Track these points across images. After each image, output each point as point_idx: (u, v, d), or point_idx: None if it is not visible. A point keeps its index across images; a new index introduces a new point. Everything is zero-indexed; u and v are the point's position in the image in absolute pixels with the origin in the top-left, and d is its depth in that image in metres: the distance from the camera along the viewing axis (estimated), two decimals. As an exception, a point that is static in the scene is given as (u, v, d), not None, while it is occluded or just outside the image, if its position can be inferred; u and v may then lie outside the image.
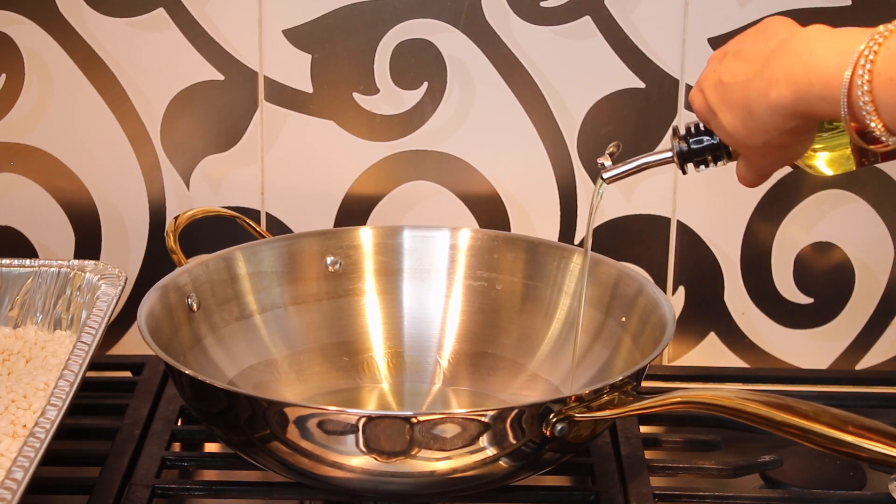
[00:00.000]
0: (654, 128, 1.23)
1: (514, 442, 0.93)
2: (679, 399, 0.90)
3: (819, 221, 1.26)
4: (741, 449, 1.10)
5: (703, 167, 0.95)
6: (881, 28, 0.77)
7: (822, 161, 0.92)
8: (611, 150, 1.01)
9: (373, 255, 1.20)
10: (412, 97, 1.23)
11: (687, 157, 0.95)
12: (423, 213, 1.26)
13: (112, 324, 1.20)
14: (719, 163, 0.95)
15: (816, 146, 0.90)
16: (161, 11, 1.21)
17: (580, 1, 1.20)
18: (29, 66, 1.22)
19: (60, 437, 0.89)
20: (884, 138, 0.78)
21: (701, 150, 0.94)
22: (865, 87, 0.75)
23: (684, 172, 0.96)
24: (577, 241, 1.26)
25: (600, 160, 1.00)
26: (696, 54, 1.21)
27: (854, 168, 0.91)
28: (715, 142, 0.93)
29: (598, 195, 1.03)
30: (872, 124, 0.77)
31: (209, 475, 1.09)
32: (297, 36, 1.22)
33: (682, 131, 0.95)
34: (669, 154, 0.96)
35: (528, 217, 1.26)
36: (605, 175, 1.00)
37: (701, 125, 0.94)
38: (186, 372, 0.96)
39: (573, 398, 0.93)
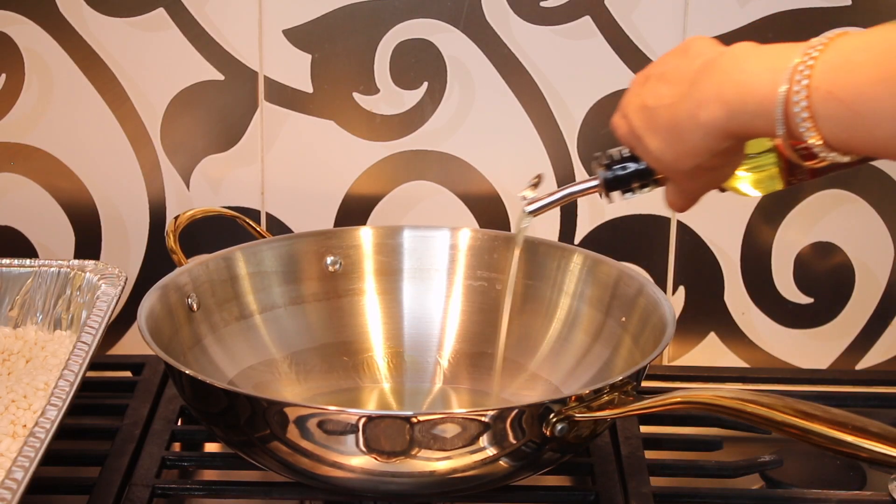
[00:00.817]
0: (654, 128, 1.23)
1: (514, 442, 0.93)
2: (679, 399, 0.90)
3: (819, 221, 1.26)
4: (741, 449, 1.10)
5: (629, 195, 0.93)
6: (814, 41, 0.75)
7: (748, 182, 0.91)
8: (533, 181, 1.00)
9: (373, 255, 1.20)
10: (412, 97, 1.23)
11: (613, 185, 0.93)
12: (423, 213, 1.26)
13: (112, 324, 1.20)
14: (646, 189, 0.92)
15: (742, 167, 0.89)
16: (161, 11, 1.21)
17: (580, 1, 1.20)
18: (29, 66, 1.22)
19: (60, 437, 0.89)
20: (822, 154, 0.76)
21: (627, 178, 0.92)
22: (803, 103, 0.73)
23: (610, 201, 0.94)
24: (576, 242, 1.27)
25: (522, 193, 0.98)
26: (696, 54, 1.21)
27: (781, 187, 0.90)
28: (641, 167, 0.91)
29: (521, 229, 1.01)
30: (811, 140, 0.75)
31: (209, 475, 1.09)
32: (297, 36, 1.22)
33: (606, 159, 0.93)
34: (595, 182, 0.94)
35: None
36: (529, 208, 0.98)
37: (625, 151, 0.91)
38: (186, 372, 0.96)
39: (573, 398, 0.93)
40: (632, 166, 0.91)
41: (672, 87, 0.82)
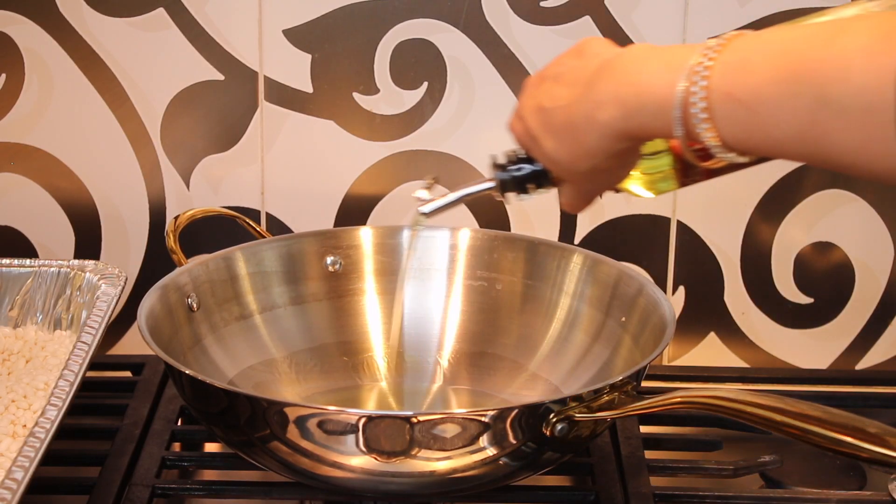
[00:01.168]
0: (654, 128, 1.23)
1: (514, 442, 0.93)
2: (679, 399, 0.90)
3: (819, 221, 1.26)
4: (741, 449, 1.10)
5: (525, 196, 0.92)
6: (712, 42, 0.74)
7: (643, 184, 0.91)
8: (428, 182, 0.99)
9: (373, 255, 1.20)
10: (412, 97, 1.23)
11: (509, 187, 0.92)
12: (424, 213, 1.26)
13: (112, 324, 1.20)
14: (541, 190, 0.92)
15: (637, 169, 0.89)
16: (161, 11, 1.21)
17: (580, 1, 1.20)
18: (29, 66, 1.22)
19: (60, 437, 0.89)
20: (719, 154, 0.76)
21: (523, 179, 0.91)
22: (702, 104, 0.73)
23: (506, 202, 0.93)
24: (576, 242, 1.27)
25: (416, 194, 0.98)
26: (696, 54, 1.21)
27: (675, 188, 0.90)
28: (537, 169, 0.90)
29: (415, 231, 1.01)
30: (709, 141, 0.74)
31: (209, 475, 1.09)
32: (297, 36, 1.22)
33: (502, 160, 0.92)
34: (491, 184, 0.93)
35: (528, 217, 1.26)
36: (423, 209, 0.97)
37: (522, 152, 0.91)
38: (186, 372, 0.96)
39: (573, 398, 0.93)
40: (527, 168, 0.91)
41: (568, 88, 0.82)
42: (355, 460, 0.93)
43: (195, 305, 1.11)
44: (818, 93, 0.68)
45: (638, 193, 0.91)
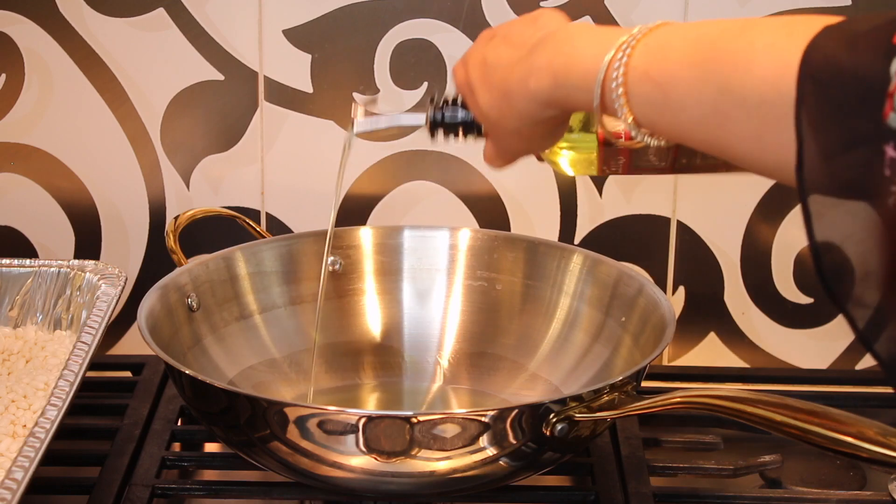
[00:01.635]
0: (654, 128, 1.23)
1: (514, 442, 0.93)
2: (679, 399, 0.90)
3: (819, 221, 1.26)
4: (741, 449, 1.10)
5: (452, 138, 0.95)
6: (642, 26, 0.78)
7: (567, 160, 0.94)
8: (370, 97, 1.00)
9: (373, 255, 1.20)
10: (412, 97, 1.23)
11: (439, 126, 0.95)
12: (423, 213, 1.26)
13: (112, 324, 1.20)
14: (469, 137, 0.94)
15: (563, 144, 0.92)
16: (161, 11, 1.21)
17: (580, 1, 1.20)
18: (29, 66, 1.22)
19: (60, 437, 0.89)
20: (633, 132, 0.79)
21: (454, 124, 0.94)
22: (620, 79, 0.76)
23: (433, 138, 0.95)
24: (576, 242, 1.27)
25: (353, 113, 0.99)
26: (696, 54, 1.21)
27: (595, 173, 0.93)
28: (468, 118, 0.93)
29: (346, 149, 1.02)
30: (623, 115, 0.78)
31: (209, 475, 1.09)
32: (297, 36, 1.22)
33: (440, 101, 0.95)
34: (422, 119, 0.95)
35: (528, 217, 1.26)
36: (356, 129, 0.99)
37: (459, 98, 0.93)
38: (186, 372, 0.96)
39: (573, 398, 0.93)
40: (460, 114, 0.93)
41: (512, 50, 0.85)
42: (355, 460, 0.93)
43: (195, 305, 1.11)
44: (723, 81, 0.71)
45: (561, 167, 0.95)
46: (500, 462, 0.94)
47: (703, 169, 0.92)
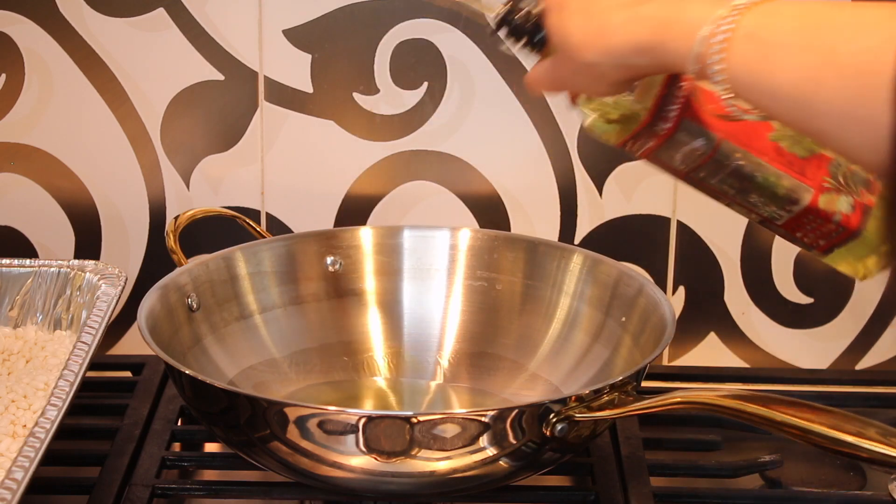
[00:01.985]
0: (654, 128, 1.23)
1: (514, 442, 0.93)
2: (679, 399, 0.90)
3: (819, 221, 1.26)
4: (741, 449, 1.10)
5: (511, 43, 0.93)
6: None
7: (603, 116, 0.91)
8: None
9: (373, 255, 1.20)
10: (412, 97, 1.23)
11: (505, 26, 0.93)
12: (423, 213, 1.26)
13: (112, 324, 1.20)
14: (526, 48, 0.92)
15: (611, 100, 0.90)
16: (161, 11, 1.21)
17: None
18: (29, 66, 1.22)
19: (60, 437, 0.89)
20: (721, 91, 0.78)
21: (521, 30, 0.92)
22: (727, 35, 0.76)
23: (489, 36, 0.94)
24: (576, 242, 1.27)
25: None
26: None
27: (616, 143, 0.91)
28: (539, 34, 0.91)
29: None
30: (717, 72, 0.77)
31: (209, 475, 1.09)
32: (297, 36, 1.22)
33: (520, 7, 0.92)
34: (493, 14, 0.94)
35: (528, 217, 1.26)
36: None
37: (536, 11, 0.91)
38: (186, 372, 0.96)
39: (573, 398, 0.93)
40: (531, 26, 0.91)
41: None
42: (355, 460, 0.93)
43: (195, 305, 1.11)
44: (825, 47, 0.72)
45: (591, 118, 0.92)
46: (501, 462, 0.94)
47: (714, 192, 0.91)
